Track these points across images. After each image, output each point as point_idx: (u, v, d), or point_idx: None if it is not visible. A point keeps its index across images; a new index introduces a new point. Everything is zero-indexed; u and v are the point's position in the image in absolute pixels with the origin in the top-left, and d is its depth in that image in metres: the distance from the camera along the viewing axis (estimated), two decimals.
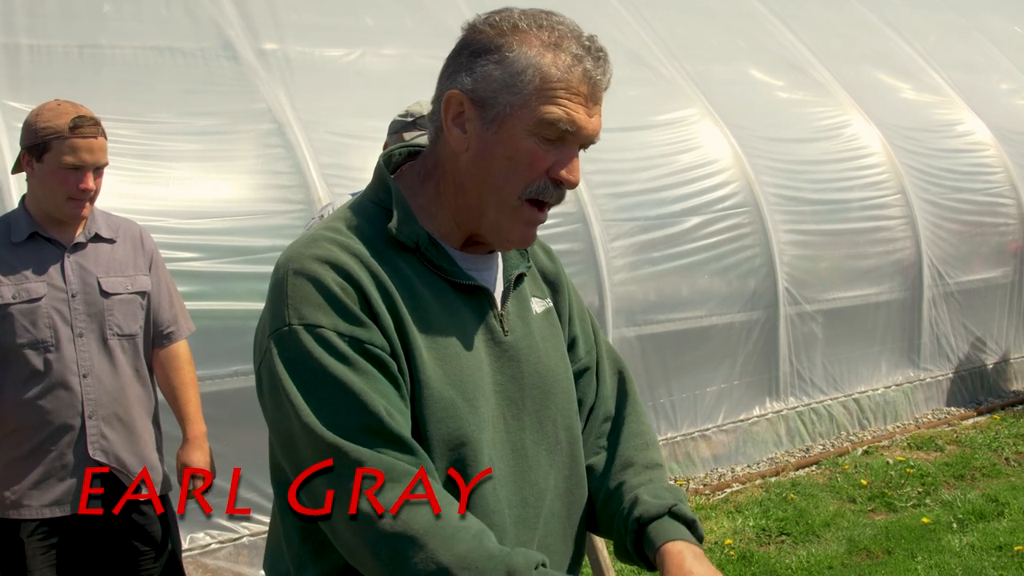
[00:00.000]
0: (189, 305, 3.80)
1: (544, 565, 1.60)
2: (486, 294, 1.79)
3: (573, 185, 1.72)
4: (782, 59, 8.90)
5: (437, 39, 6.79)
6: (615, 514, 1.88)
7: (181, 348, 3.63)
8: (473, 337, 1.76)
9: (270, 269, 1.59)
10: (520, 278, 1.88)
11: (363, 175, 5.21)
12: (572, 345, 2.00)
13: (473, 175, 1.72)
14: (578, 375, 1.99)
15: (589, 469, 1.96)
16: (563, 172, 1.70)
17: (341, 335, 1.61)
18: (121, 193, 4.79)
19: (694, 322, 6.88)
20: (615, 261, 6.48)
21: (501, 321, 1.81)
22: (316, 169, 5.57)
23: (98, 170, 3.31)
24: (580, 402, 1.99)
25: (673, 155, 7.18)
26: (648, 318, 6.58)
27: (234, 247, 5.16)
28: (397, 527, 1.54)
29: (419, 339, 1.68)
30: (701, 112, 7.61)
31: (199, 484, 3.63)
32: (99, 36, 5.63)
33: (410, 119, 3.83)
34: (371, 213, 1.76)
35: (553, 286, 1.99)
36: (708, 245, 7.01)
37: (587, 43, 1.69)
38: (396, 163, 1.86)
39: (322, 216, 3.92)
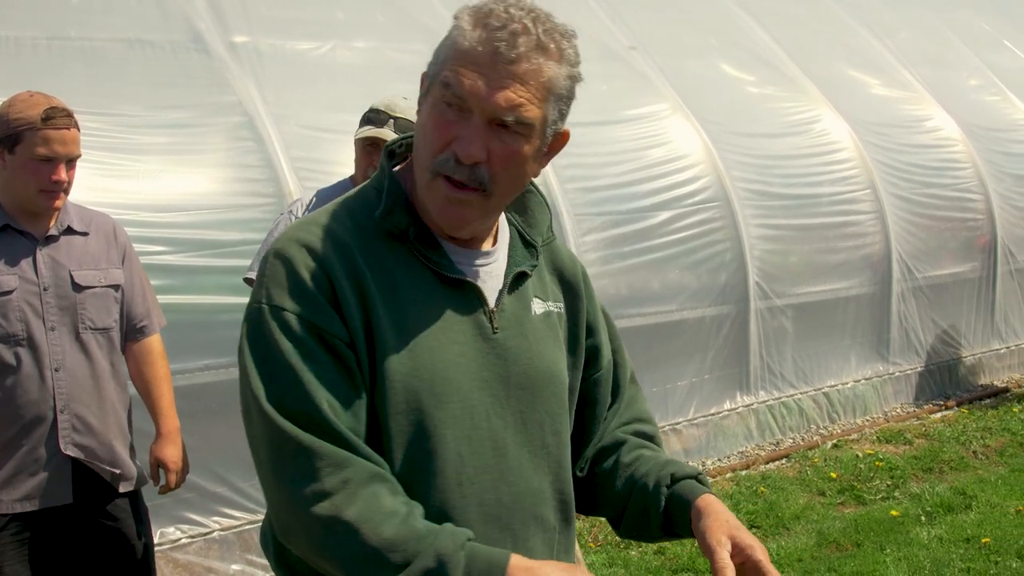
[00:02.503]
0: (159, 299, 3.79)
1: (471, 540, 1.63)
2: (474, 289, 1.78)
3: (464, 161, 1.66)
4: (753, 55, 8.94)
5: (408, 33, 6.79)
6: (635, 481, 1.91)
7: (154, 342, 3.61)
8: (455, 331, 1.75)
9: (240, 263, 1.60)
10: (522, 277, 1.86)
11: (334, 168, 5.20)
12: (593, 355, 1.99)
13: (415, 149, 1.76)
14: (597, 384, 2.00)
15: (596, 456, 2.00)
16: (455, 146, 1.66)
17: (301, 320, 1.64)
18: (90, 186, 4.76)
19: (665, 316, 6.90)
20: (586, 255, 6.49)
21: (491, 318, 1.79)
22: (287, 163, 5.55)
23: (71, 162, 3.29)
24: (596, 411, 2.01)
25: (644, 150, 7.20)
26: (619, 312, 6.58)
27: (204, 241, 5.14)
28: (331, 511, 1.58)
29: (388, 331, 1.68)
30: (672, 107, 7.63)
31: (172, 479, 3.63)
32: (68, 28, 5.59)
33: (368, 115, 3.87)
34: (371, 200, 1.78)
35: (571, 290, 1.97)
36: (679, 240, 7.03)
37: (504, 14, 1.65)
38: (403, 153, 1.87)
39: (291, 211, 3.92)
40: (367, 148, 3.83)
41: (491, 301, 1.80)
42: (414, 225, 1.74)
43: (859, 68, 9.64)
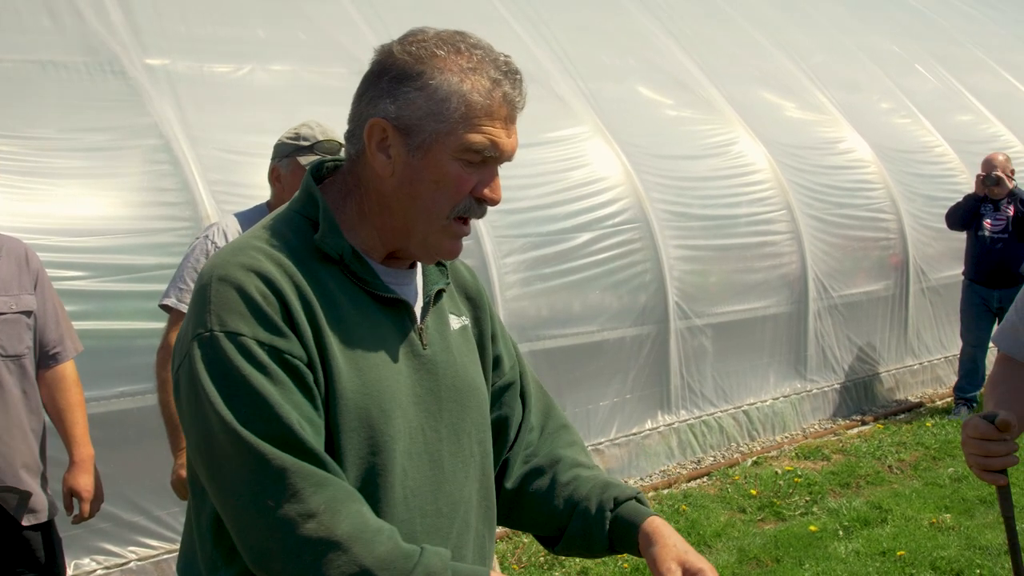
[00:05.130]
0: (74, 325, 3.72)
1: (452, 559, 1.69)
2: (406, 308, 1.84)
3: (495, 203, 1.81)
4: (671, 77, 9.04)
5: (327, 54, 6.76)
6: (576, 503, 1.96)
7: (68, 369, 3.55)
8: (392, 349, 1.80)
9: (156, 288, 1.58)
10: (439, 294, 1.93)
11: (252, 192, 5.15)
12: (497, 363, 2.07)
13: (400, 198, 1.78)
14: (503, 390, 2.07)
15: (531, 472, 2.04)
16: (486, 191, 1.79)
17: (261, 344, 1.65)
18: (1, 210, 4.67)
19: (586, 337, 6.94)
20: (507, 277, 6.51)
21: (420, 335, 1.85)
22: (204, 186, 5.49)
23: None
24: (507, 417, 2.06)
25: (564, 172, 7.25)
26: (540, 333, 6.62)
27: (119, 265, 5.06)
28: (321, 532, 1.59)
29: (337, 350, 1.72)
30: (592, 129, 7.69)
31: (85, 508, 3.56)
32: None
33: (305, 143, 3.72)
34: (297, 224, 1.80)
35: (474, 303, 2.05)
36: (599, 261, 7.08)
37: (504, 66, 1.79)
38: (320, 176, 1.90)
39: (207, 236, 3.81)
40: (300, 174, 3.66)
41: (417, 318, 1.86)
42: (347, 247, 1.78)
43: (775, 91, 9.81)
